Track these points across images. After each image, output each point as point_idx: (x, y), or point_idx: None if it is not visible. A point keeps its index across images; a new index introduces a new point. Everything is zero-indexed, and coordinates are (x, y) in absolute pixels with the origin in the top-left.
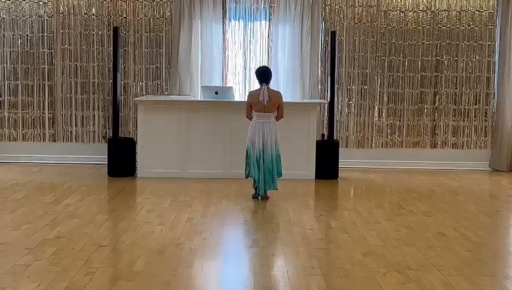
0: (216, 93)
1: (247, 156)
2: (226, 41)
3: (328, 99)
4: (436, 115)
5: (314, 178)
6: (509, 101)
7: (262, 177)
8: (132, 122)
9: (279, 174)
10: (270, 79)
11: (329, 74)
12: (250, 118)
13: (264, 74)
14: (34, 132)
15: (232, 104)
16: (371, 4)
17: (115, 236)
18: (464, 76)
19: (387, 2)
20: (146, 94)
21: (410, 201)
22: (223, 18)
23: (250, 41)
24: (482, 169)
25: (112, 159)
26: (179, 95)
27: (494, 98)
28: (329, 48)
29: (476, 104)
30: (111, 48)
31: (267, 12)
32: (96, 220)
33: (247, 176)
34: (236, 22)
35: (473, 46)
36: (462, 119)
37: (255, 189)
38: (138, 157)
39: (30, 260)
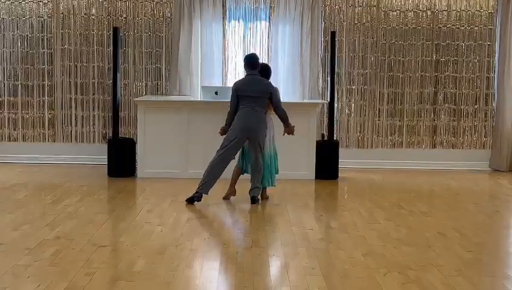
0: (216, 93)
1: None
2: (226, 41)
3: (328, 99)
4: (436, 115)
5: (314, 178)
6: (509, 101)
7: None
8: (132, 122)
9: (277, 171)
10: (269, 77)
11: (329, 74)
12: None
13: (263, 72)
14: (34, 132)
15: None
16: (370, 4)
17: (115, 236)
18: (464, 76)
19: (387, 2)
20: (146, 94)
21: (410, 201)
22: (223, 18)
23: (250, 41)
24: (482, 169)
25: (111, 159)
26: (179, 95)
27: (494, 98)
28: (329, 48)
29: (476, 104)
30: (111, 48)
31: (267, 12)
32: (96, 220)
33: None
34: (236, 22)
35: (472, 46)
36: (462, 119)
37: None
38: (138, 158)
39: (30, 260)
